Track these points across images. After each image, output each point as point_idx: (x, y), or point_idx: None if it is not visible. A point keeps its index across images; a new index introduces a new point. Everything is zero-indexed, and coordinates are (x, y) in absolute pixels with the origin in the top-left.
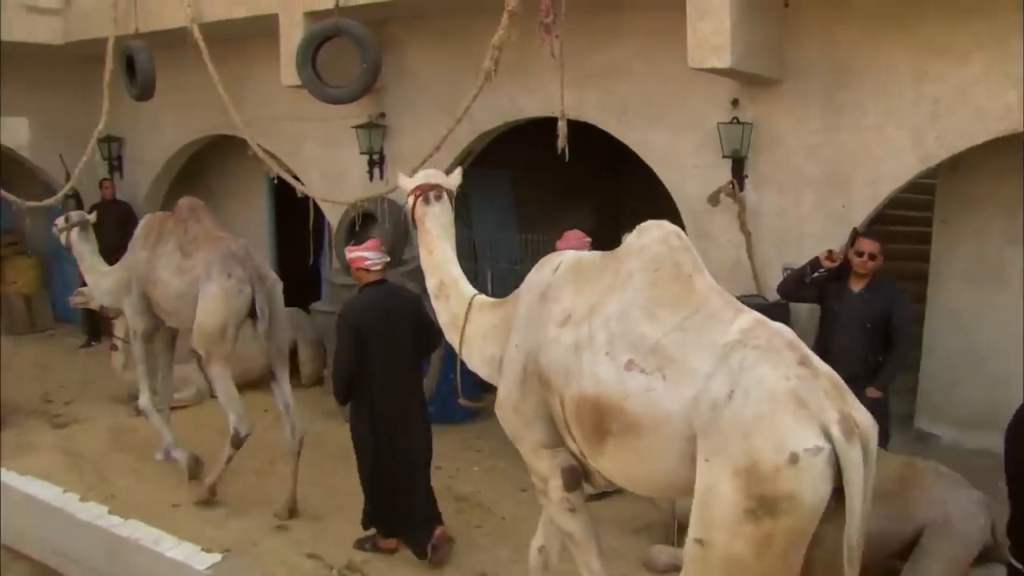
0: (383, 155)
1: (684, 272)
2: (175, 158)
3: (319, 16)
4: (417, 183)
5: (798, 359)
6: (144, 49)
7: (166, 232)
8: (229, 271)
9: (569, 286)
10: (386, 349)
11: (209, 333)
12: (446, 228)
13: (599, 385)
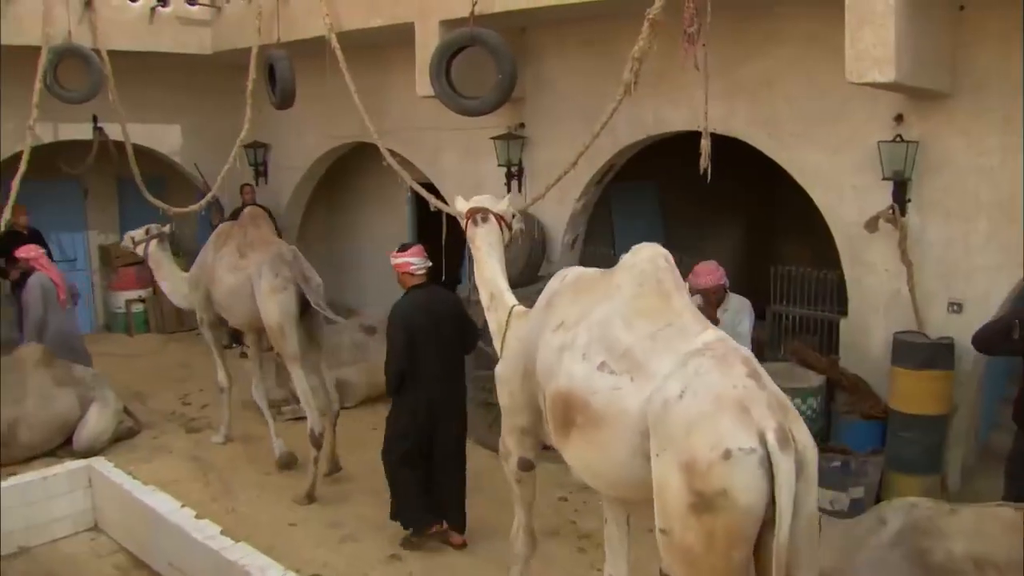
0: (521, 167)
1: (664, 289)
2: (318, 164)
3: (455, 25)
4: (469, 207)
5: (748, 372)
6: (284, 58)
7: (229, 237)
8: (277, 271)
9: (568, 296)
10: (434, 344)
11: (272, 329)
12: (493, 246)
13: (571, 381)
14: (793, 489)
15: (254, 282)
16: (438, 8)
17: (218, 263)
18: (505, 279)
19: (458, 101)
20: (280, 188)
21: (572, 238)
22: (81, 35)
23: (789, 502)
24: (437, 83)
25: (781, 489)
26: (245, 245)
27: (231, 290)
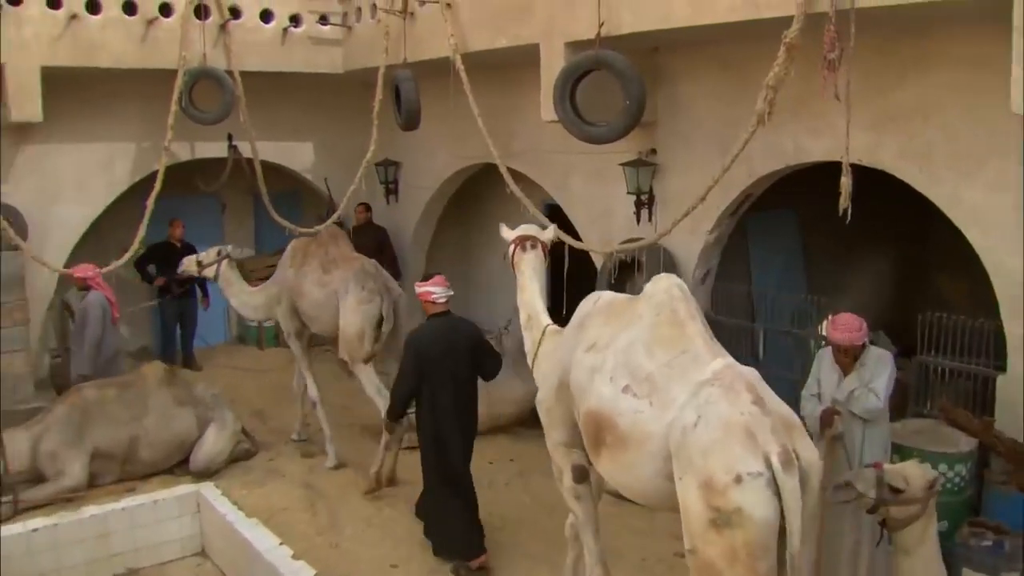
0: (652, 195)
1: (679, 318)
2: (447, 184)
3: (581, 46)
4: (516, 234)
5: (753, 399)
6: (409, 79)
7: (310, 254)
8: (362, 284)
9: (599, 319)
10: (445, 372)
11: (350, 338)
12: (536, 271)
13: (601, 401)
14: (799, 505)
15: (340, 295)
16: (564, 29)
17: (303, 279)
18: (543, 302)
19: (582, 128)
20: (410, 207)
21: (704, 272)
22: (215, 57)
23: (797, 517)
24: (561, 108)
25: (788, 506)
26: (328, 262)
27: (318, 302)
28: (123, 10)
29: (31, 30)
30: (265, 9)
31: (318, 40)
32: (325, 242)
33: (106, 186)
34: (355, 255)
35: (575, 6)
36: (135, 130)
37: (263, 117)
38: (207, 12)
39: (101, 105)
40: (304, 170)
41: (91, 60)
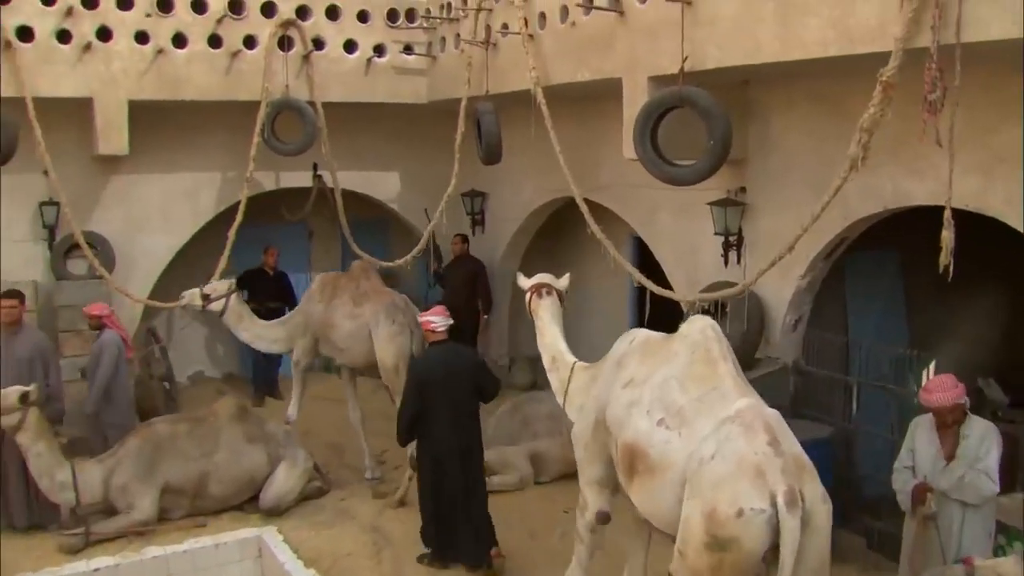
0: (741, 236)
1: (712, 357)
2: (534, 217)
3: (665, 81)
4: (533, 282)
5: (769, 439)
6: (490, 113)
7: (339, 288)
8: (393, 318)
9: (636, 357)
10: (446, 398)
11: (387, 369)
12: (554, 316)
13: (637, 434)
14: (796, 544)
15: (372, 328)
16: (647, 63)
17: (334, 312)
18: (564, 343)
19: (663, 169)
20: (497, 238)
21: (795, 319)
22: (298, 88)
23: (792, 555)
24: (641, 148)
25: (785, 543)
26: (359, 295)
27: (350, 334)
28: (208, 43)
29: (119, 65)
30: (349, 39)
31: (402, 70)
32: (357, 276)
33: (191, 216)
34: (386, 289)
35: (658, 39)
36: (220, 160)
37: (348, 146)
38: (290, 44)
39: (187, 136)
40: (389, 199)
41: (176, 93)
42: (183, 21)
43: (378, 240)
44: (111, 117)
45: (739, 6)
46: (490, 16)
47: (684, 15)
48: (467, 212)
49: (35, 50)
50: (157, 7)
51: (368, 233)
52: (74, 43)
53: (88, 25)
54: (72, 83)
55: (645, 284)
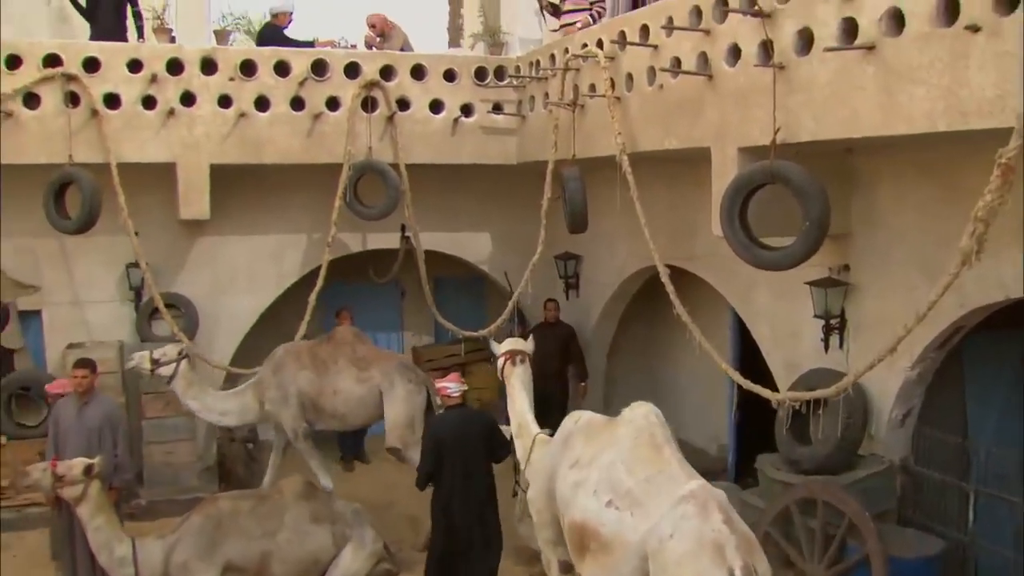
0: (844, 319)
1: (657, 442)
2: (629, 282)
3: (756, 153)
4: (506, 349)
5: (723, 519)
6: (575, 179)
7: (324, 355)
8: (408, 378)
9: (581, 438)
10: (459, 459)
11: (402, 427)
12: (525, 384)
13: (585, 514)
14: None
15: (384, 389)
16: (737, 132)
17: (334, 379)
18: (532, 412)
19: (753, 252)
20: (591, 303)
21: (903, 413)
22: (382, 150)
23: None
24: (728, 227)
25: None
26: (360, 360)
27: (358, 398)
28: (290, 105)
29: (202, 129)
30: (435, 99)
31: (491, 130)
32: (349, 341)
33: (276, 277)
34: (386, 351)
35: (749, 107)
36: (304, 221)
37: (436, 206)
38: (374, 105)
39: (271, 197)
40: (480, 261)
41: (258, 157)
42: (266, 84)
43: (474, 300)
44: (193, 181)
45: (836, 72)
46: (577, 76)
47: (776, 81)
48: (560, 275)
49: (121, 117)
50: (240, 70)
51: (463, 292)
52: (158, 108)
53: (172, 91)
54: (156, 148)
55: (732, 376)
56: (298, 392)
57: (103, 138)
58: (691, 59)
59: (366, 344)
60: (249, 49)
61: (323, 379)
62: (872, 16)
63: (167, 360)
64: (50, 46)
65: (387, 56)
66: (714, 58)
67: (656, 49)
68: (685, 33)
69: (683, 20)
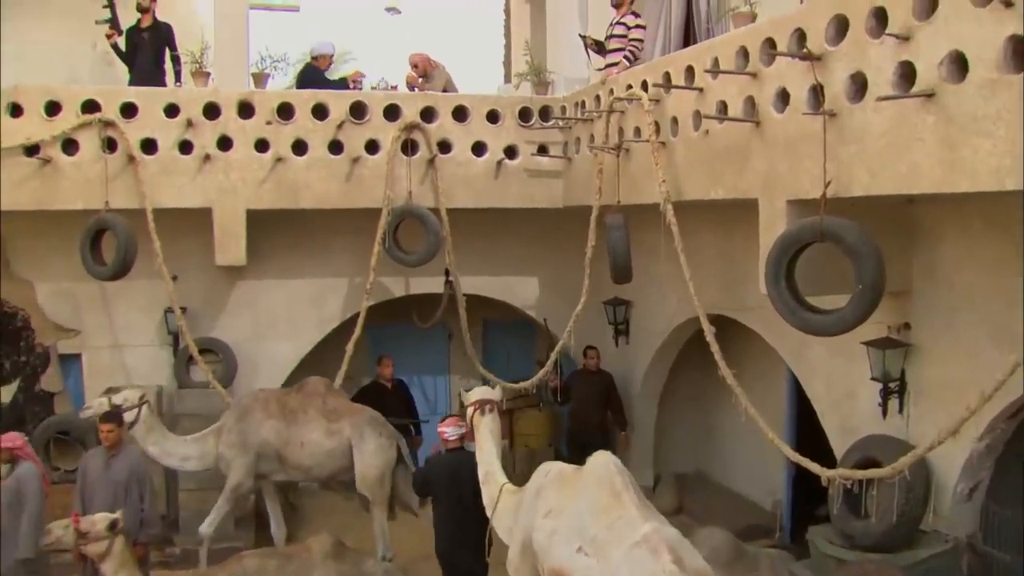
0: (904, 382)
1: (616, 489)
2: (681, 330)
3: (806, 207)
4: (475, 399)
5: (673, 559)
6: (619, 227)
7: (294, 405)
8: (380, 432)
9: (553, 488)
10: (452, 497)
11: (372, 481)
12: (493, 432)
13: (562, 561)
14: None
15: (355, 442)
16: (785, 184)
17: (302, 429)
18: (499, 461)
19: (799, 316)
20: (641, 350)
21: (970, 487)
22: (423, 194)
23: None
24: (774, 288)
25: None
26: (331, 412)
27: (328, 452)
28: (328, 149)
29: (238, 174)
30: (477, 141)
31: (536, 173)
32: (321, 393)
33: (317, 322)
34: (356, 404)
35: (799, 157)
36: (345, 265)
37: (481, 249)
38: (415, 148)
39: (311, 240)
40: (527, 306)
41: (295, 202)
42: (303, 127)
43: (524, 343)
44: (229, 227)
45: (892, 121)
46: (622, 119)
47: (827, 129)
48: (609, 321)
49: (157, 162)
50: (277, 114)
51: (513, 335)
52: (195, 153)
53: (209, 135)
54: (192, 194)
55: (781, 448)
56: (260, 443)
57: (139, 184)
58: (737, 103)
59: (337, 396)
60: (286, 92)
61: (290, 429)
62: (931, 60)
63: (128, 406)
64: (88, 92)
65: (428, 97)
66: (761, 103)
67: (701, 92)
68: (731, 76)
69: (729, 62)
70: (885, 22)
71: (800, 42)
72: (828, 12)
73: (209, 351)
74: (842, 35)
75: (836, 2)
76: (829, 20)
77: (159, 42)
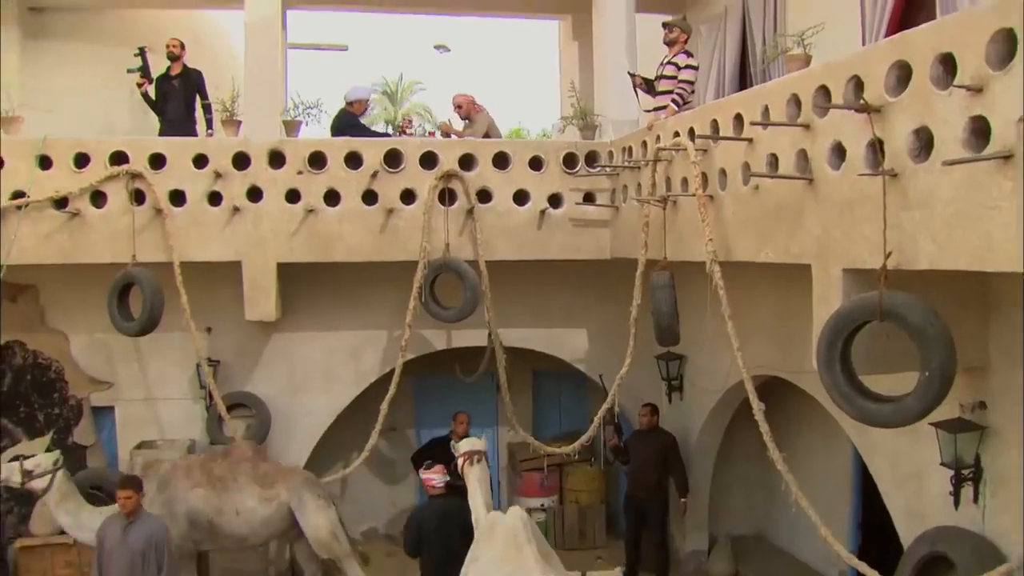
0: (980, 468)
1: (519, 542)
2: (736, 390)
3: (865, 278)
4: (464, 450)
5: None
6: (663, 287)
7: (221, 472)
8: (317, 493)
9: (483, 538)
10: (442, 546)
11: (327, 540)
12: (482, 481)
13: None
14: None
15: (295, 506)
16: (841, 250)
17: (234, 497)
18: (487, 507)
19: (856, 405)
20: (695, 407)
21: None
22: (461, 246)
23: None
24: (827, 372)
25: None
26: (263, 477)
27: (263, 518)
28: (362, 199)
29: (268, 226)
30: (520, 190)
31: (582, 222)
32: (250, 458)
33: (354, 376)
34: (287, 467)
35: (856, 221)
36: (384, 317)
37: (526, 300)
38: (452, 197)
39: (347, 292)
40: (577, 359)
41: (327, 255)
42: (336, 177)
43: (575, 393)
44: (258, 281)
45: (963, 185)
46: (669, 168)
47: (887, 191)
48: (662, 377)
49: (186, 214)
50: (309, 163)
51: (565, 384)
52: (224, 205)
53: (238, 186)
54: (220, 246)
55: (834, 546)
56: (189, 510)
57: (167, 236)
58: (789, 157)
59: (268, 460)
60: (318, 140)
61: (221, 498)
62: (1008, 116)
63: (41, 472)
64: (117, 143)
65: (466, 144)
66: (815, 157)
67: (750, 143)
68: (782, 127)
69: (780, 110)
70: (954, 71)
71: (857, 91)
72: (888, 58)
73: (242, 405)
74: (904, 84)
75: (897, 47)
76: (889, 67)
77: (190, 89)
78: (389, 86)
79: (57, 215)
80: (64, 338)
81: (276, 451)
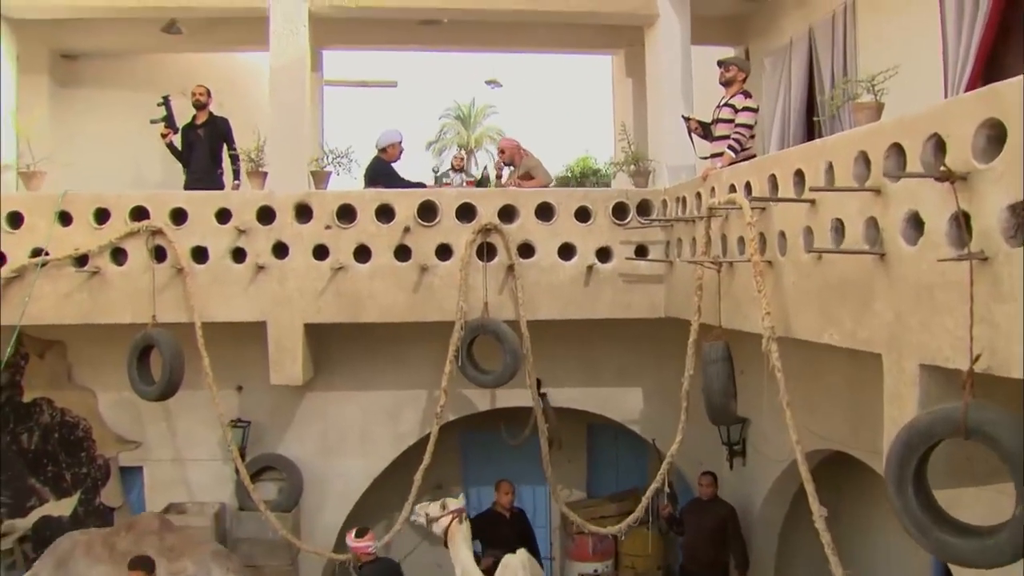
0: None
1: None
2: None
3: (947, 378)
4: (452, 508)
5: None
6: (715, 361)
7: (125, 547)
8: (227, 567)
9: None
10: None
11: None
12: (466, 539)
13: None
14: None
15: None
16: (917, 343)
17: None
18: (474, 564)
19: (933, 538)
20: (758, 474)
21: None
22: (501, 305)
23: None
24: (898, 496)
25: None
26: (168, 550)
27: None
28: (394, 255)
29: (294, 284)
30: (565, 243)
31: (633, 278)
32: (156, 530)
33: (392, 438)
34: (199, 540)
35: (937, 310)
36: (422, 376)
37: (573, 357)
38: (492, 252)
39: (383, 350)
40: (630, 420)
41: (356, 315)
42: (366, 231)
43: (636, 450)
44: (284, 343)
45: None
46: (725, 224)
47: (974, 278)
48: (723, 441)
49: (208, 272)
50: (337, 217)
51: (622, 441)
52: (247, 262)
53: (263, 242)
54: (244, 306)
55: None
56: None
57: (188, 296)
58: (857, 224)
59: (175, 531)
60: (346, 192)
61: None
62: None
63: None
64: (137, 198)
65: (507, 194)
66: (887, 228)
67: (813, 205)
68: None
69: (846, 169)
70: None
71: (937, 152)
72: (976, 115)
73: (271, 469)
74: (997, 148)
75: (987, 101)
76: (978, 126)
77: (216, 139)
78: (462, 110)
79: (77, 273)
80: (92, 395)
81: (309, 515)
